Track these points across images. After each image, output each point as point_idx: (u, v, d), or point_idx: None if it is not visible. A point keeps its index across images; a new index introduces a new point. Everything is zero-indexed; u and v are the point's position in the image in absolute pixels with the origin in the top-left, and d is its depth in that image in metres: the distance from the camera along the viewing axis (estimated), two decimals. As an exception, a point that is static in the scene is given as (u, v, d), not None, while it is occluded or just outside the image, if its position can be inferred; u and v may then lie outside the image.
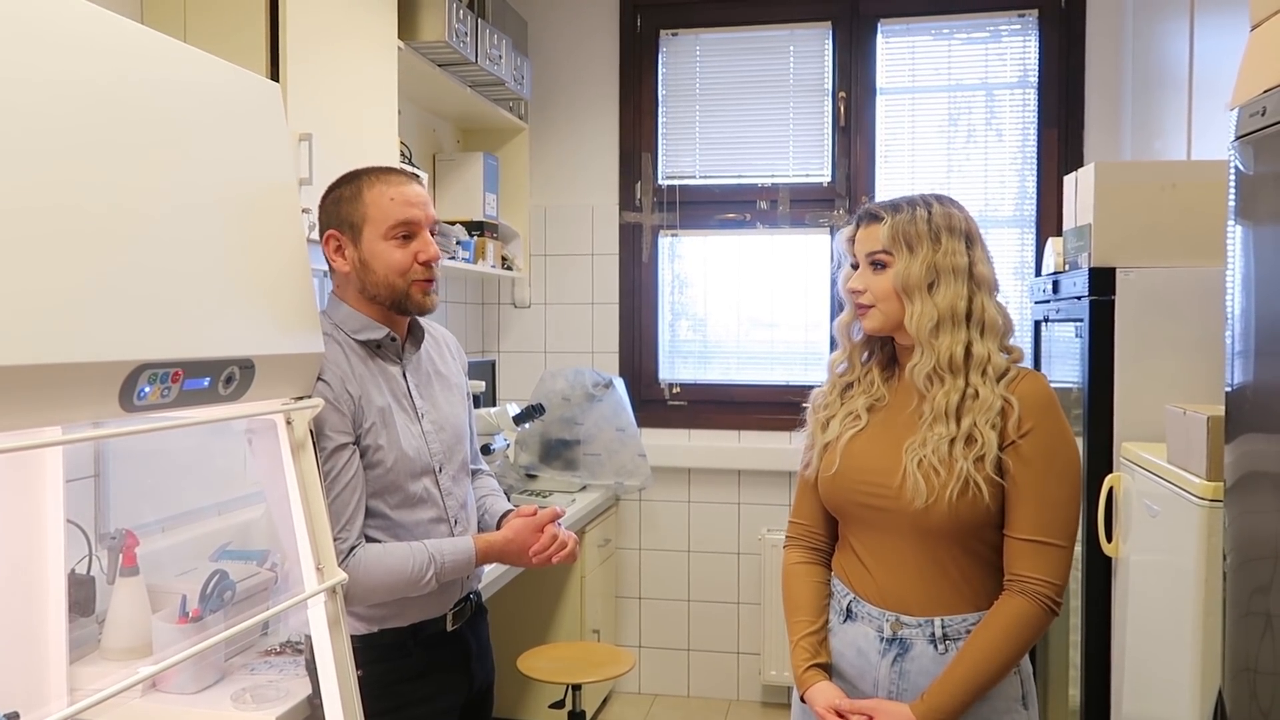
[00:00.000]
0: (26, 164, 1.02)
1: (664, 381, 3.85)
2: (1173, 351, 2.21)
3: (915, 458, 1.48)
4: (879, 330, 1.56)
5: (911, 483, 1.46)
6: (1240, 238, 1.42)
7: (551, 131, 3.86)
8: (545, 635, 3.32)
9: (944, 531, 1.47)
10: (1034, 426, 1.46)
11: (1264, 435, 1.37)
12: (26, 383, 1.00)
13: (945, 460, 1.46)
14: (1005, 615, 1.46)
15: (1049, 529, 1.46)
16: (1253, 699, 1.41)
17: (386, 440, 1.66)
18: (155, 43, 1.26)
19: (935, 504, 1.45)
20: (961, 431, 1.46)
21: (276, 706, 1.64)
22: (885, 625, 1.52)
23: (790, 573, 1.66)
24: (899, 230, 1.51)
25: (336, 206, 1.68)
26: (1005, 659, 1.45)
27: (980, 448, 1.45)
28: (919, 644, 1.49)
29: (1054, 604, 1.46)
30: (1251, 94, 1.37)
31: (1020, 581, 1.46)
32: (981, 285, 1.52)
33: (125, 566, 1.74)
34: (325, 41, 2.28)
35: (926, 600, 1.50)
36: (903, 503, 1.48)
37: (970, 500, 1.45)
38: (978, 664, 1.44)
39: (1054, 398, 1.50)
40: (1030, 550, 1.46)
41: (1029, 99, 3.56)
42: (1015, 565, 1.47)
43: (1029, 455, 1.45)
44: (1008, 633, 1.45)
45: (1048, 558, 1.45)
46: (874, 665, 1.52)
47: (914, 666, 1.49)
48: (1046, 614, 1.45)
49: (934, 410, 1.48)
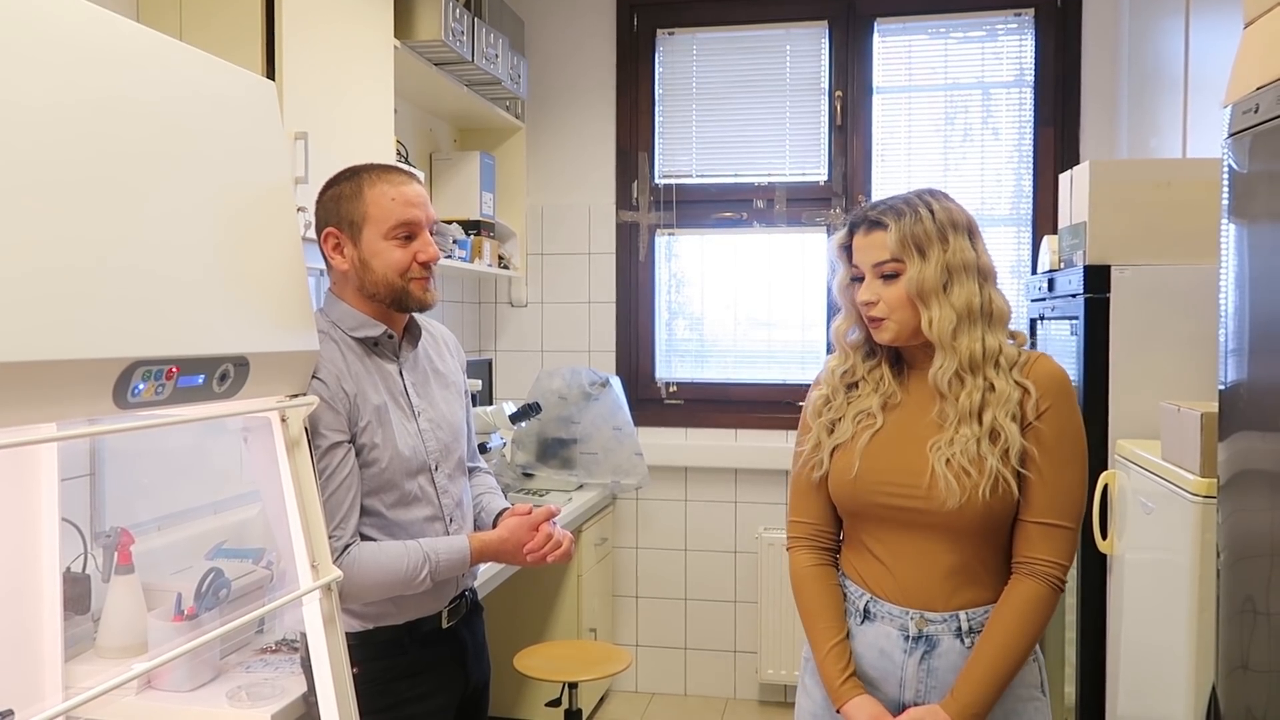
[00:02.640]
0: (20, 161, 1.02)
1: (661, 380, 3.85)
2: (1167, 349, 2.22)
3: (943, 458, 1.46)
4: (894, 341, 1.53)
5: (943, 484, 1.45)
6: (1233, 235, 1.42)
7: (548, 131, 3.86)
8: (542, 633, 3.32)
9: (976, 529, 1.47)
10: (1050, 406, 1.46)
11: (1257, 433, 1.37)
12: (20, 379, 1.00)
13: (975, 460, 1.45)
14: (1019, 600, 1.46)
15: (1061, 511, 1.46)
16: (1246, 695, 1.42)
17: (382, 438, 1.66)
18: (151, 41, 1.26)
19: (969, 503, 1.44)
20: (985, 429, 1.45)
21: (271, 704, 1.64)
22: (909, 624, 1.50)
23: (805, 576, 1.60)
24: (907, 235, 1.48)
25: (336, 204, 1.68)
26: (1025, 644, 1.45)
27: (1004, 441, 1.45)
28: (945, 639, 1.48)
29: (1061, 583, 1.47)
30: (1244, 91, 1.37)
31: (1030, 564, 1.46)
32: (989, 277, 1.52)
33: (120, 564, 1.74)
34: (321, 40, 2.28)
35: (951, 595, 1.49)
36: (934, 504, 1.46)
37: (1002, 496, 1.45)
38: (1000, 652, 1.44)
39: (1067, 377, 1.51)
40: (1041, 533, 1.46)
41: (1025, 98, 3.57)
42: (1026, 548, 1.47)
43: (1045, 436, 1.46)
44: (1024, 617, 1.45)
45: (1058, 540, 1.46)
46: (899, 665, 1.50)
47: (942, 663, 1.48)
48: (1055, 593, 1.46)
49: (958, 411, 1.47)
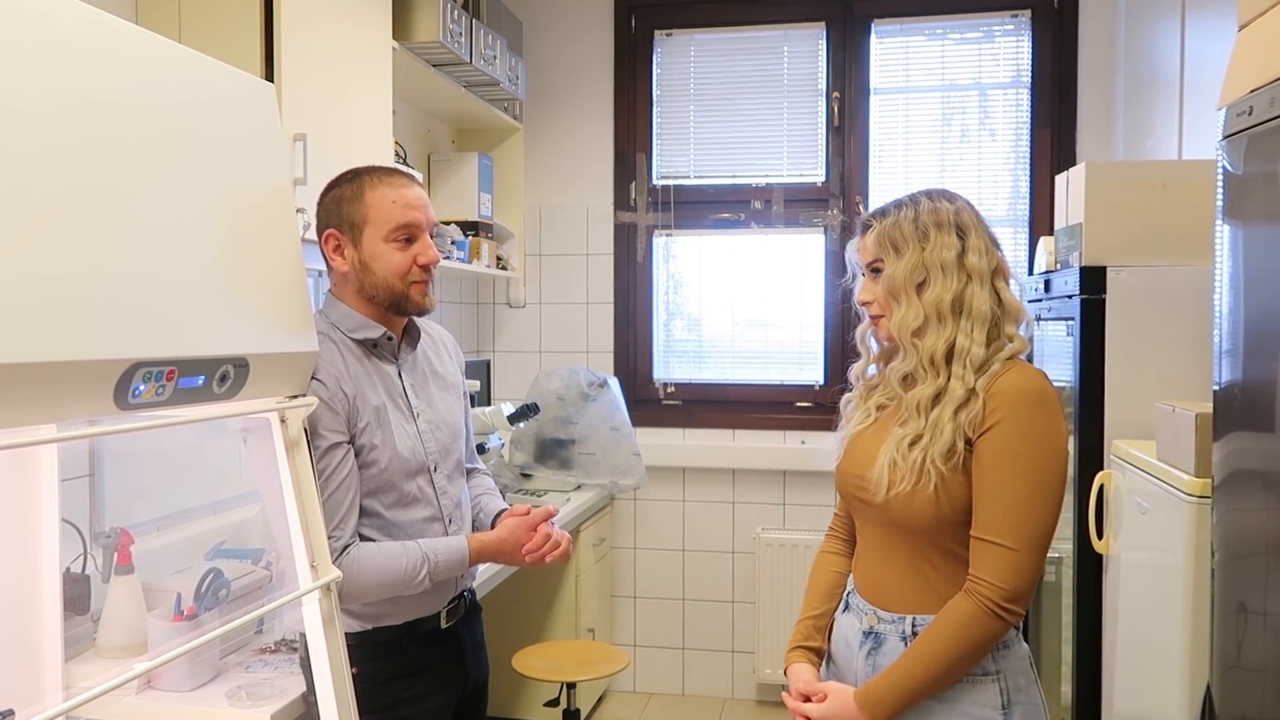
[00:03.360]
0: (21, 163, 1.03)
1: (659, 381, 3.86)
2: (1163, 349, 2.22)
3: (888, 451, 1.48)
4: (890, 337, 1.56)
5: (876, 475, 1.47)
6: (1228, 237, 1.43)
7: (546, 131, 3.87)
8: (540, 634, 3.33)
9: (906, 525, 1.47)
10: (999, 422, 1.41)
11: (1251, 433, 1.38)
12: (21, 380, 1.01)
13: (905, 454, 1.45)
14: (949, 613, 1.42)
15: (999, 529, 1.39)
16: (1240, 694, 1.43)
17: (381, 439, 1.67)
18: (150, 43, 1.26)
19: (894, 497, 1.45)
20: (929, 424, 1.45)
21: (271, 704, 1.64)
22: (864, 618, 1.54)
23: (815, 561, 1.71)
24: (884, 235, 1.51)
25: (337, 206, 1.68)
26: (947, 658, 1.41)
27: (941, 440, 1.42)
28: (891, 639, 1.50)
29: (997, 607, 1.38)
30: (1239, 93, 1.37)
31: (970, 581, 1.42)
32: (975, 275, 1.48)
33: (120, 565, 1.74)
34: (319, 42, 2.28)
35: (903, 597, 1.50)
36: (868, 495, 1.49)
37: (931, 494, 1.42)
38: (918, 659, 1.43)
39: (1038, 393, 1.44)
40: (979, 550, 1.41)
41: (1022, 99, 3.58)
42: (971, 564, 1.43)
43: (988, 451, 1.41)
44: (947, 632, 1.42)
45: (995, 559, 1.39)
46: (854, 656, 1.54)
47: (885, 661, 1.49)
48: (989, 618, 1.39)
49: (908, 406, 1.49)
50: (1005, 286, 1.52)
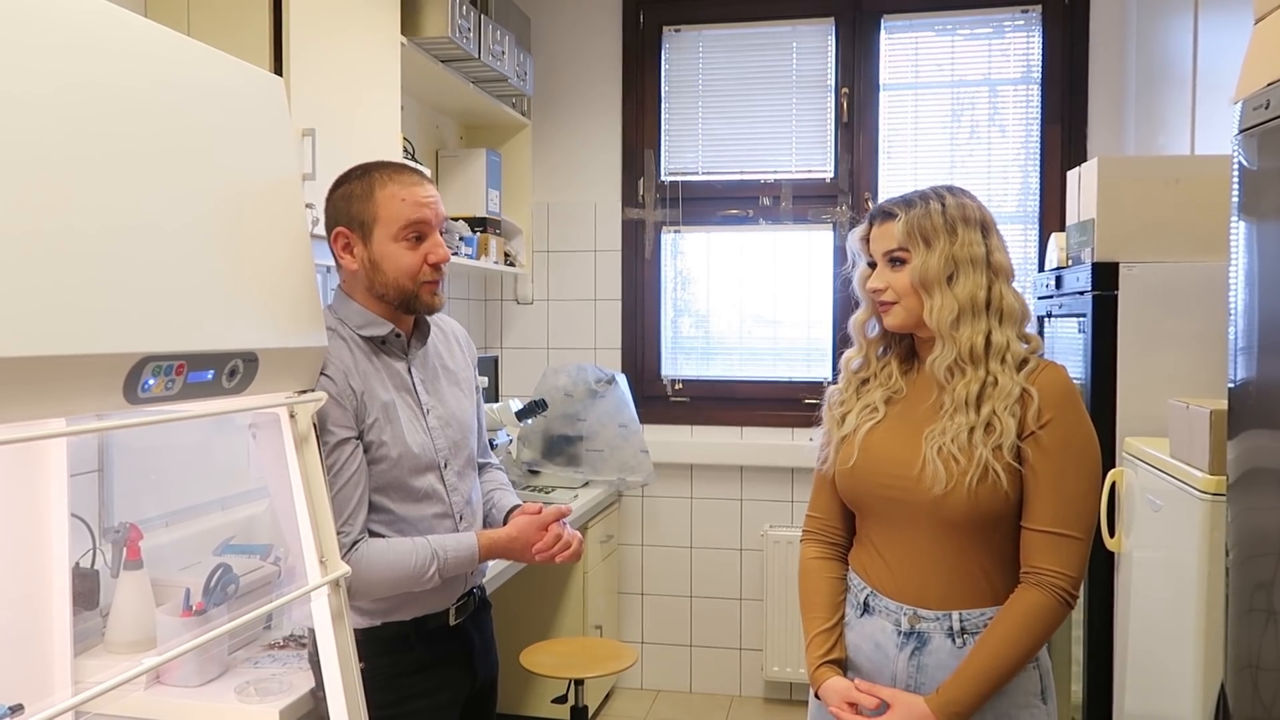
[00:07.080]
0: (31, 157, 1.03)
1: (666, 377, 3.85)
2: (1175, 346, 2.21)
3: (935, 445, 1.48)
4: (901, 327, 1.56)
5: (931, 469, 1.47)
6: (1243, 233, 1.42)
7: (554, 128, 3.86)
8: (548, 630, 3.33)
9: (962, 520, 1.47)
10: (1053, 417, 1.45)
11: (1267, 431, 1.37)
12: (31, 374, 1.00)
13: (965, 448, 1.46)
14: (1021, 608, 1.45)
15: (1066, 521, 1.45)
16: (1255, 694, 1.41)
17: (390, 436, 1.66)
18: (159, 37, 1.26)
19: (954, 490, 1.45)
20: (981, 419, 1.46)
21: (280, 699, 1.64)
22: (903, 619, 1.52)
23: (806, 568, 1.66)
24: (914, 225, 1.51)
25: (347, 203, 1.67)
26: (1021, 652, 1.45)
27: (999, 435, 1.45)
28: (937, 637, 1.49)
29: (1069, 596, 1.45)
30: (1255, 88, 1.36)
31: (1036, 574, 1.46)
32: (999, 273, 1.52)
33: (129, 560, 1.74)
34: (328, 36, 2.28)
35: (945, 593, 1.50)
36: (921, 491, 1.48)
37: (990, 487, 1.45)
38: (993, 657, 1.44)
39: (1074, 389, 1.50)
40: (1046, 542, 1.45)
41: (1032, 95, 3.56)
42: (1032, 558, 1.47)
43: (1047, 446, 1.45)
44: (1023, 626, 1.44)
45: (1064, 550, 1.45)
46: (891, 659, 1.52)
47: (932, 660, 1.49)
48: (1062, 606, 1.45)
49: (954, 400, 1.49)
50: (1011, 288, 1.56)
